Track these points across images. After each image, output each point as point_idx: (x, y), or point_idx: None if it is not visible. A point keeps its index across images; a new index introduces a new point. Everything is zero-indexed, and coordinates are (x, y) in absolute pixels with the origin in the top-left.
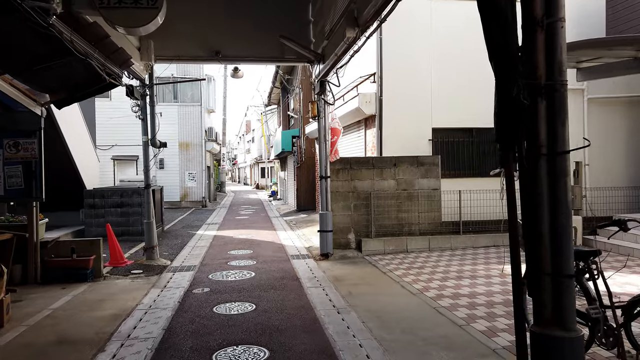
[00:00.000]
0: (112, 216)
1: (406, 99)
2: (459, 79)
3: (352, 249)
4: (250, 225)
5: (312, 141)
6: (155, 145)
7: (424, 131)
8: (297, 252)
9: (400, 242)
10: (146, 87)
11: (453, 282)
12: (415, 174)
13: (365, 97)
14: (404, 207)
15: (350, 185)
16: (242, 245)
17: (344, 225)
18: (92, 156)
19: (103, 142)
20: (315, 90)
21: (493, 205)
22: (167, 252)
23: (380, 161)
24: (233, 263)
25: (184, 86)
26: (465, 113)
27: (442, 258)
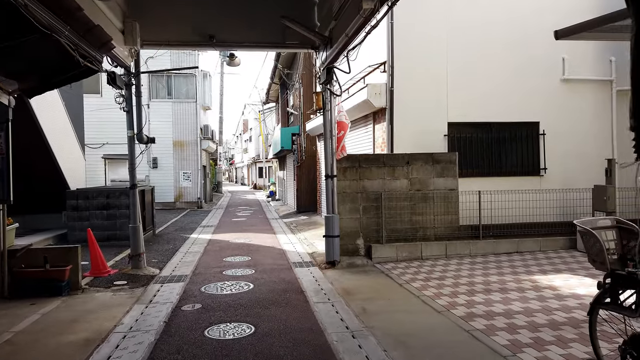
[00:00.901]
0: (98, 219)
1: (419, 91)
2: (477, 70)
3: (361, 255)
4: (248, 228)
5: (313, 139)
6: (142, 140)
7: (438, 126)
8: (300, 258)
9: (414, 248)
10: (131, 75)
11: (482, 297)
12: (430, 173)
13: (375, 88)
14: (418, 209)
15: (358, 185)
16: (239, 251)
17: (352, 230)
18: (78, 154)
19: (93, 140)
20: (320, 80)
21: (515, 207)
22: (156, 258)
23: (392, 159)
24: (229, 272)
25: (178, 82)
26: (484, 106)
27: (463, 266)
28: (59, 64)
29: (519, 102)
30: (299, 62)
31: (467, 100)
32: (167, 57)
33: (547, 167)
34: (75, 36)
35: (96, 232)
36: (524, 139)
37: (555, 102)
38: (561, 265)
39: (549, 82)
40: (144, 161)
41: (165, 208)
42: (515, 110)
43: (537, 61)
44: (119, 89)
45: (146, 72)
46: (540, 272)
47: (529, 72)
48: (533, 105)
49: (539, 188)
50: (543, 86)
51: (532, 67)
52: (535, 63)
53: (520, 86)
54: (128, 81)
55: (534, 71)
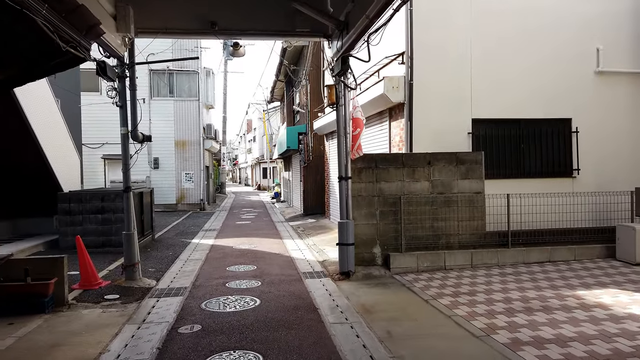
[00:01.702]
0: (92, 224)
1: (441, 84)
2: (504, 61)
3: (377, 265)
4: (253, 233)
5: (321, 138)
6: (137, 138)
7: (462, 123)
8: (310, 267)
9: (436, 257)
10: (125, 66)
11: (524, 318)
12: (454, 174)
13: (392, 81)
14: (441, 214)
15: (375, 188)
16: (244, 258)
17: (368, 237)
18: (72, 154)
19: (92, 140)
20: (333, 72)
21: (545, 212)
22: (153, 267)
23: (412, 159)
24: (232, 284)
25: (180, 80)
26: (512, 101)
27: (492, 279)
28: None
29: (550, 97)
30: (306, 57)
31: (493, 95)
32: (169, 54)
33: (580, 167)
34: (55, 17)
35: (90, 238)
36: (555, 137)
37: (589, 96)
38: (604, 278)
39: (582, 75)
40: (145, 162)
41: (166, 210)
42: (545, 106)
43: (569, 52)
44: (110, 81)
45: (141, 63)
46: (583, 286)
47: (560, 64)
48: (565, 100)
49: (571, 191)
50: (576, 79)
51: (563, 59)
52: (567, 54)
53: (550, 79)
54: (121, 73)
55: (565, 63)
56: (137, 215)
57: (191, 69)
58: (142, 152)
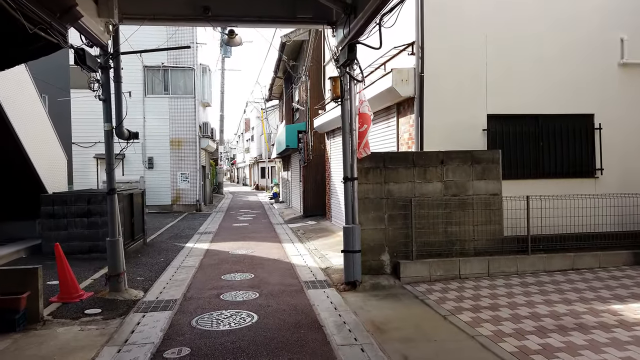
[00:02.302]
0: (77, 228)
1: (454, 77)
2: (522, 52)
3: (386, 274)
4: (251, 236)
5: (322, 136)
6: (122, 135)
7: (476, 119)
8: (312, 276)
9: (450, 265)
10: (109, 56)
11: (559, 339)
12: (469, 175)
13: (401, 73)
14: (454, 217)
15: (383, 190)
16: (241, 265)
17: (376, 243)
18: (57, 152)
19: (84, 139)
20: (338, 62)
21: (567, 216)
22: (142, 275)
23: (423, 158)
24: (227, 297)
25: (175, 76)
26: (530, 96)
27: (514, 290)
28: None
29: (570, 91)
30: (306, 52)
31: (510, 89)
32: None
33: (604, 167)
34: None
35: (76, 243)
36: (576, 134)
37: (612, 90)
38: (636, 289)
39: (605, 67)
40: (139, 161)
41: (161, 212)
42: (566, 101)
43: (590, 42)
44: (91, 72)
45: (127, 53)
46: (616, 299)
47: (582, 55)
48: (586, 95)
49: (594, 192)
50: (598, 72)
51: (585, 49)
52: (588, 45)
53: (571, 72)
54: (104, 63)
55: (587, 54)
56: (127, 218)
57: (187, 65)
58: (136, 151)
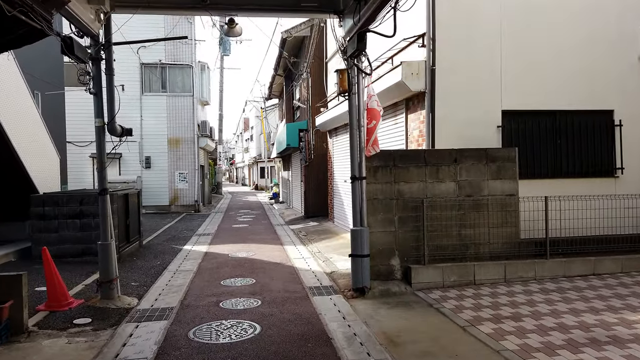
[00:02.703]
0: (69, 230)
1: (467, 70)
2: (538, 45)
3: (396, 279)
4: (251, 237)
5: (324, 135)
6: (114, 132)
7: (490, 115)
8: (317, 281)
9: (464, 270)
10: (100, 46)
11: (594, 355)
12: (484, 174)
13: (411, 67)
14: (469, 219)
15: (393, 190)
16: (241, 269)
17: (385, 247)
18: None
19: (79, 137)
20: (345, 53)
21: (586, 217)
22: (137, 281)
23: (436, 156)
24: (227, 304)
25: (173, 74)
26: (547, 90)
27: (535, 297)
28: None
29: (589, 86)
30: (307, 49)
31: (526, 83)
32: (162, 46)
33: (624, 166)
34: None
35: (67, 246)
36: (595, 131)
37: (634, 85)
38: None
39: (626, 61)
40: (136, 161)
41: (159, 212)
42: (585, 96)
43: (610, 34)
44: (80, 62)
45: (119, 43)
46: None
47: (601, 48)
48: (606, 90)
49: (614, 192)
50: (618, 65)
51: (604, 42)
52: (608, 37)
53: (590, 66)
54: (95, 54)
55: (606, 47)
56: (122, 219)
57: (185, 63)
58: (132, 151)
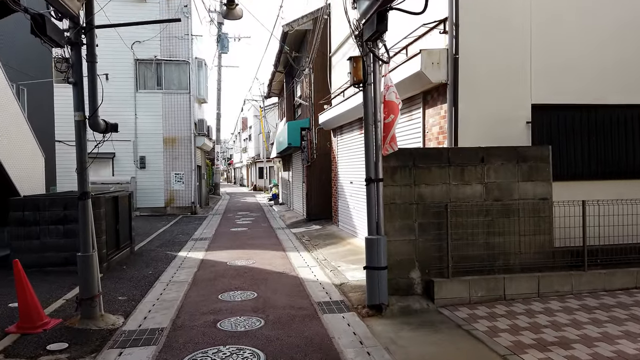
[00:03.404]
0: (52, 236)
1: (493, 60)
2: (573, 30)
3: (417, 294)
4: (250, 243)
5: (327, 133)
6: (97, 127)
7: (518, 109)
8: (326, 295)
9: (493, 283)
10: (81, 30)
11: None
12: (514, 175)
13: (432, 55)
14: (497, 226)
15: (412, 193)
16: (241, 280)
17: (404, 257)
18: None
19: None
20: (362, 37)
21: (633, 224)
22: (125, 294)
23: (460, 155)
24: (226, 325)
25: (169, 70)
26: (582, 82)
27: (578, 316)
28: None
29: (630, 77)
30: (309, 43)
31: (559, 74)
32: (157, 42)
33: None
34: None
35: (50, 254)
36: (635, 127)
37: None
38: None
39: None
40: (130, 161)
41: (154, 214)
42: (624, 88)
43: None
44: (55, 46)
45: (103, 27)
46: None
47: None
48: None
49: None
50: None
51: None
52: None
53: (631, 55)
54: (75, 38)
55: None
56: (111, 224)
57: (181, 59)
58: (126, 150)
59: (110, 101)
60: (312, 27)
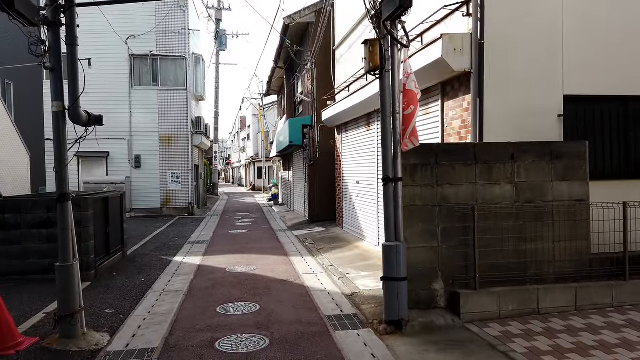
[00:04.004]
0: (34, 241)
1: (521, 45)
2: (611, 6)
3: (440, 308)
4: (251, 246)
5: (330, 131)
6: (78, 119)
7: (549, 101)
8: (337, 307)
9: (526, 296)
10: (59, 8)
11: None
12: (547, 174)
13: (454, 41)
14: (529, 231)
15: (435, 194)
16: (241, 289)
17: (425, 266)
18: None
19: None
20: (381, 16)
21: None
22: (112, 306)
23: (488, 151)
24: (226, 345)
25: (165, 66)
26: (619, 70)
27: (626, 334)
28: None
29: None
30: (312, 36)
31: (595, 62)
32: (153, 36)
33: None
34: None
35: (32, 261)
36: None
37: None
38: None
39: None
40: (125, 160)
41: (150, 215)
42: None
43: None
44: (26, 24)
45: (85, 5)
46: None
47: None
48: None
49: None
50: None
51: None
52: None
53: None
54: (52, 17)
55: None
56: (101, 228)
57: (178, 54)
58: (121, 149)
59: (104, 98)
60: (314, 20)
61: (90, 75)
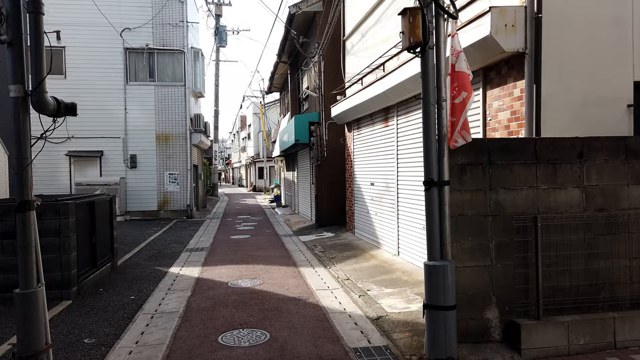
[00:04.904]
0: (6, 253)
1: (583, 22)
2: None
3: (494, 341)
4: (255, 254)
5: (341, 128)
6: (43, 107)
7: (616, 88)
8: (362, 336)
9: (600, 326)
10: None
11: None
12: (622, 176)
13: (505, 15)
14: (600, 246)
15: (487, 201)
16: (247, 311)
17: (476, 290)
18: None
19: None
20: None
21: None
22: (93, 335)
23: (551, 148)
24: None
25: (162, 61)
26: None
27: None
28: None
29: None
30: (319, 26)
31: None
32: (150, 28)
33: None
34: None
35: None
36: None
37: None
38: None
39: None
40: (119, 160)
41: (146, 218)
42: None
43: None
44: None
45: None
46: None
47: None
48: None
49: None
50: None
51: None
52: None
53: None
54: None
55: None
56: (85, 236)
57: (176, 48)
58: (116, 148)
59: (97, 93)
60: (322, 9)
61: (83, 70)
